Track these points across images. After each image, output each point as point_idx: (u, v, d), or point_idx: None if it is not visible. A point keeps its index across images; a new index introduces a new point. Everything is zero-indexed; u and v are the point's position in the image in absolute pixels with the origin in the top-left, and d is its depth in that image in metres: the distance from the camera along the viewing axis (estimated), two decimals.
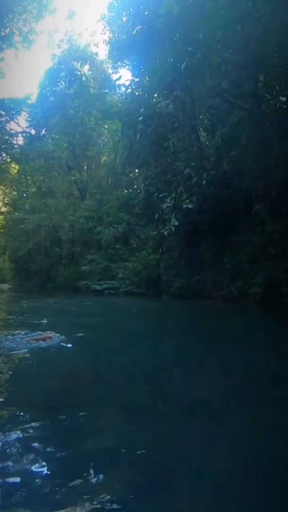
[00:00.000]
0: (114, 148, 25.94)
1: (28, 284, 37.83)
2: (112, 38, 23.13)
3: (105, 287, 22.40)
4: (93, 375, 3.68)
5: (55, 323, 7.25)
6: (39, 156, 31.07)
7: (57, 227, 32.87)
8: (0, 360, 3.87)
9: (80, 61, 32.70)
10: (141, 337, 6.35)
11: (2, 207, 49.54)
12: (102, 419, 2.47)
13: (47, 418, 2.41)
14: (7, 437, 2.03)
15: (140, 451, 1.98)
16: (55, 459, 1.85)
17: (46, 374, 3.62)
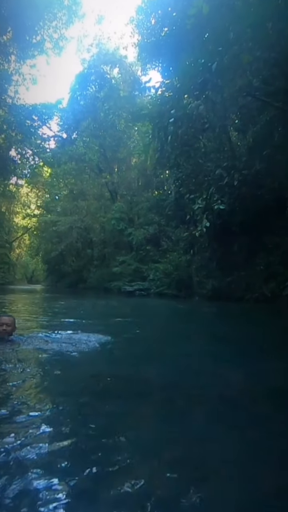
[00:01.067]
0: (144, 149, 25.98)
1: (60, 285, 38.51)
2: (140, 40, 23.20)
3: (136, 288, 22.50)
4: (126, 377, 3.70)
5: (90, 323, 7.36)
6: (71, 159, 31.56)
7: (89, 228, 33.31)
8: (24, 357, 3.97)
9: (109, 65, 33.02)
10: (176, 340, 6.33)
11: (35, 209, 50.76)
12: (136, 422, 2.49)
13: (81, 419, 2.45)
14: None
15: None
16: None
17: (79, 373, 3.68)
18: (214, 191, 14.69)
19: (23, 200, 49.84)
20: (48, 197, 46.00)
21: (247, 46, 12.44)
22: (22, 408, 2.56)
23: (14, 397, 2.78)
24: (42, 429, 2.21)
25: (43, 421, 2.36)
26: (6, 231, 41.84)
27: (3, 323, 4.78)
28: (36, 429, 2.20)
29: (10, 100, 29.43)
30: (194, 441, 2.22)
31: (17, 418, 2.35)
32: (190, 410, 2.79)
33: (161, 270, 21.27)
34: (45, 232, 42.11)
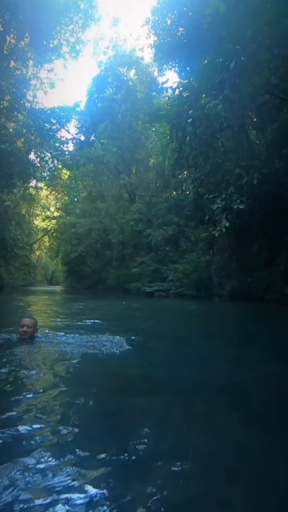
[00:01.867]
0: (162, 150, 25.97)
1: (79, 286, 38.78)
2: (157, 41, 23.21)
3: (156, 289, 22.49)
4: (148, 377, 3.70)
5: (110, 324, 7.39)
6: (89, 161, 31.78)
7: (108, 230, 33.48)
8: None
9: (126, 67, 33.15)
10: (198, 341, 6.29)
11: (55, 211, 51.29)
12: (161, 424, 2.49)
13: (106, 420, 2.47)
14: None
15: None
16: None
17: (100, 374, 3.70)
18: (233, 191, 14.57)
19: (43, 203, 50.43)
20: (67, 199, 46.43)
21: (264, 43, 12.32)
22: (45, 409, 2.59)
23: (38, 399, 2.81)
24: (64, 429, 2.24)
25: (66, 422, 2.38)
26: (27, 233, 42.33)
27: (24, 324, 4.88)
28: (58, 429, 2.24)
29: (28, 104, 29.81)
30: (221, 442, 2.22)
31: (42, 419, 2.38)
32: (216, 412, 2.78)
33: (181, 271, 21.20)
34: (65, 234, 42.52)
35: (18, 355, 4.24)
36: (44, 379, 3.42)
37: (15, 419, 2.37)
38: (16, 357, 4.15)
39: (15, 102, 27.91)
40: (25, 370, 3.67)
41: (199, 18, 14.93)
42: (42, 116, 26.60)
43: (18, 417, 2.40)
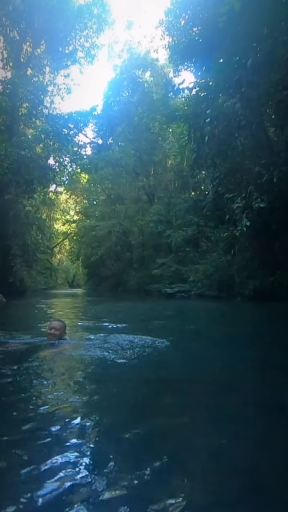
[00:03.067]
0: (180, 151, 25.90)
1: (100, 288, 38.98)
2: (171, 42, 23.19)
3: (177, 290, 22.42)
4: (176, 379, 3.68)
5: (134, 326, 7.38)
6: (107, 164, 31.93)
7: (127, 232, 33.56)
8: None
9: (141, 69, 33.23)
10: (223, 343, 6.21)
11: (74, 215, 51.76)
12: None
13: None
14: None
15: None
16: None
17: (128, 376, 3.69)
18: (253, 189, 14.40)
19: (63, 207, 50.95)
20: (86, 202, 46.76)
21: (281, 40, 12.17)
22: (75, 412, 2.61)
23: (67, 400, 2.85)
24: (92, 431, 2.26)
25: (93, 423, 2.41)
26: (47, 238, 42.88)
27: (52, 327, 4.98)
28: (85, 431, 2.26)
29: (46, 110, 30.18)
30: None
31: (70, 422, 2.39)
32: (245, 416, 2.75)
33: (202, 271, 21.07)
34: (85, 237, 42.85)
35: (47, 358, 4.32)
36: (73, 382, 3.45)
37: (49, 420, 2.41)
38: (45, 360, 4.23)
39: (33, 108, 28.32)
40: (56, 373, 3.73)
41: (214, 17, 14.87)
42: (60, 122, 26.88)
43: (57, 417, 2.46)
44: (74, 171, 32.10)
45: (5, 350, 4.70)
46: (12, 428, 2.33)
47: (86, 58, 31.65)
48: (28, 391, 3.14)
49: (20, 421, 2.43)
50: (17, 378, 3.54)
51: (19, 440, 2.17)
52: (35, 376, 3.56)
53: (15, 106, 25.94)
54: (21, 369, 3.82)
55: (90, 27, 30.38)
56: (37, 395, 2.99)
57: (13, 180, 23.10)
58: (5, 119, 26.38)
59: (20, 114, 27.75)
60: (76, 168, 31.80)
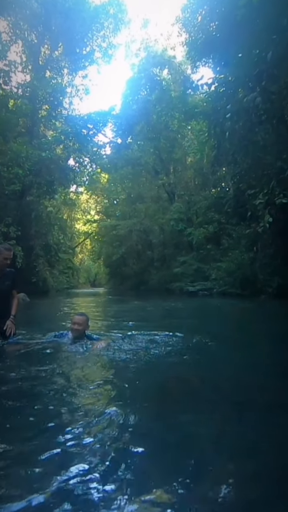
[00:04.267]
0: (200, 148, 25.71)
1: (122, 287, 39.11)
2: (188, 38, 23.05)
3: (199, 288, 22.27)
4: (200, 378, 3.62)
5: (156, 324, 7.32)
6: (127, 163, 32.01)
7: (148, 231, 33.55)
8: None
9: (158, 67, 33.15)
10: (250, 343, 6.08)
11: (95, 215, 52.09)
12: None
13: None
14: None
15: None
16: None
17: (151, 374, 3.64)
18: (275, 185, 14.12)
19: (83, 207, 51.33)
20: (107, 202, 46.99)
21: None
22: (100, 409, 2.59)
23: (92, 396, 2.84)
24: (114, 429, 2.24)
25: (116, 421, 2.38)
26: (69, 238, 43.29)
27: (75, 322, 4.98)
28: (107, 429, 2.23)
29: (66, 111, 30.46)
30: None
31: (97, 421, 2.36)
32: (275, 417, 2.67)
33: (224, 269, 20.85)
34: (106, 237, 43.07)
35: (72, 355, 4.38)
36: (97, 380, 3.42)
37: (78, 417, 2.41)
38: (70, 358, 4.29)
39: (52, 110, 28.62)
40: (80, 371, 3.73)
41: (232, 10, 14.66)
42: (79, 122, 27.06)
43: (84, 415, 2.46)
44: (94, 171, 32.30)
45: (31, 348, 4.74)
46: (37, 425, 2.34)
47: (103, 58, 31.82)
48: (53, 389, 3.14)
49: (48, 417, 2.43)
50: (43, 375, 3.56)
51: (48, 436, 2.16)
52: (60, 374, 3.58)
53: (35, 109, 26.25)
54: (47, 367, 3.84)
55: (106, 27, 30.51)
56: (63, 392, 2.99)
57: (35, 182, 23.38)
58: (25, 122, 26.73)
59: (40, 116, 28.08)
60: (96, 168, 31.99)
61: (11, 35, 27.43)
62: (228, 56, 16.43)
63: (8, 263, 5.21)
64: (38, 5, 26.49)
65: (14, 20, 26.88)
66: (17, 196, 22.53)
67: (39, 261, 24.85)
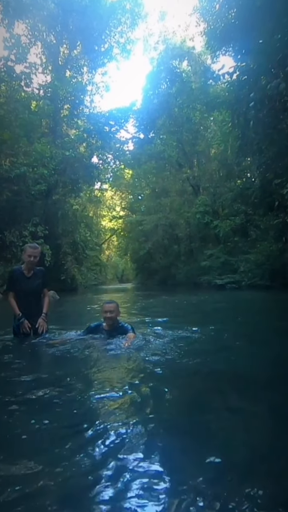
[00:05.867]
0: (224, 139, 25.35)
1: (149, 282, 39.13)
2: (207, 28, 22.69)
3: (227, 281, 22.02)
4: (227, 371, 3.58)
5: (186, 318, 7.29)
6: (150, 158, 31.93)
7: (174, 225, 33.40)
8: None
9: (178, 59, 32.84)
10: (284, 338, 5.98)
11: (120, 211, 52.28)
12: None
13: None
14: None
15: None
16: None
17: (181, 365, 3.63)
18: None
19: (108, 203, 51.55)
20: (131, 198, 47.04)
21: None
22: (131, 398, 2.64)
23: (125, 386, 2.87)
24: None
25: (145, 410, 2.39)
26: (96, 234, 43.59)
27: (107, 310, 5.01)
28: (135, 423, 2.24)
29: (87, 110, 30.67)
30: None
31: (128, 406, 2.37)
32: None
33: (252, 261, 20.55)
34: (132, 232, 43.19)
35: (103, 352, 4.43)
36: (129, 374, 3.46)
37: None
38: (103, 352, 4.38)
39: (74, 109, 28.87)
40: (113, 364, 3.83)
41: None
42: (101, 120, 27.20)
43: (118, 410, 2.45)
44: (117, 167, 32.45)
45: (62, 346, 4.82)
46: (72, 421, 2.38)
47: (122, 54, 31.87)
48: (92, 382, 3.23)
49: (85, 412, 2.48)
50: (81, 369, 3.63)
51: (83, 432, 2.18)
52: (91, 373, 3.63)
53: (57, 109, 26.55)
54: (77, 364, 3.91)
55: (123, 22, 30.51)
56: (93, 391, 3.01)
57: (60, 181, 23.68)
58: (48, 122, 27.07)
59: (62, 116, 28.38)
60: (119, 164, 32.12)
61: (30, 37, 27.82)
62: (249, 43, 16.07)
63: (35, 261, 5.30)
64: (55, 6, 26.71)
65: (32, 22, 27.24)
66: (43, 195, 22.86)
67: (67, 258, 25.16)
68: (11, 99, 21.73)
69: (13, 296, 5.27)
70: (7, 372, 3.65)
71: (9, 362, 4.15)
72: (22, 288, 5.24)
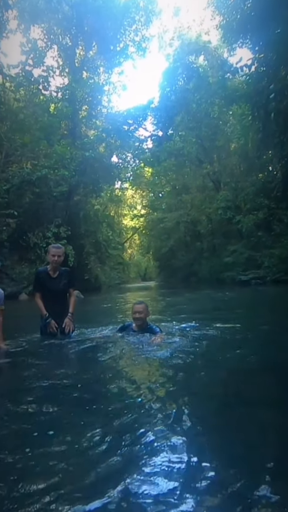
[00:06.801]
0: (243, 132, 25.02)
1: (172, 280, 39.01)
2: (222, 21, 22.42)
3: (251, 277, 21.71)
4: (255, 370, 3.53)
5: (212, 315, 7.23)
6: (169, 155, 31.82)
7: (195, 221, 33.22)
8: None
9: (194, 54, 32.66)
10: None
11: (141, 209, 52.35)
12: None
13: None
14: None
15: None
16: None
17: (211, 363, 3.60)
18: None
19: (129, 202, 51.73)
20: (152, 196, 47.03)
21: None
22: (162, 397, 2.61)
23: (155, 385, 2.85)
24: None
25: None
26: (117, 234, 43.81)
27: (136, 311, 5.06)
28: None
29: (105, 110, 30.88)
30: None
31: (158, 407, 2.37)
32: None
33: (277, 256, 20.22)
34: (153, 230, 43.19)
35: (130, 350, 4.47)
36: (160, 371, 3.46)
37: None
38: (133, 350, 4.41)
39: (92, 110, 29.08)
40: (143, 362, 3.83)
41: None
42: (119, 119, 27.30)
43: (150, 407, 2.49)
44: (137, 166, 32.51)
45: (88, 344, 4.89)
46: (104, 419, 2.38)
47: (137, 52, 31.94)
48: (123, 379, 3.26)
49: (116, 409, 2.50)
50: (101, 370, 3.66)
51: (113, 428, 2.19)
52: (120, 371, 3.67)
53: (75, 110, 26.78)
54: (106, 362, 3.95)
55: (138, 20, 30.55)
56: (123, 389, 3.04)
57: (81, 182, 23.89)
58: (67, 124, 27.34)
59: (80, 117, 28.61)
60: (139, 163, 32.17)
61: (46, 41, 28.16)
62: (267, 33, 15.80)
63: (59, 261, 5.36)
64: (69, 8, 26.93)
65: (48, 26, 27.56)
66: (65, 197, 23.13)
67: (90, 258, 25.37)
68: (30, 103, 22.08)
69: (40, 297, 5.35)
70: (38, 369, 3.74)
71: (39, 360, 4.23)
72: (48, 288, 5.32)
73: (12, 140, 21.28)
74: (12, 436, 2.25)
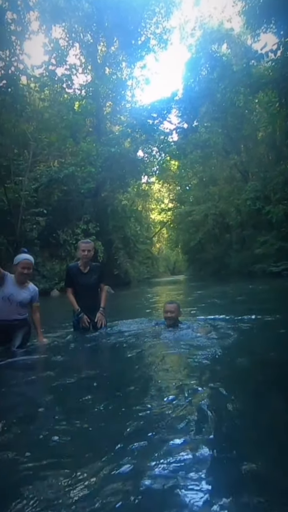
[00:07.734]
0: (271, 120, 24.48)
1: (202, 273, 38.75)
2: (245, 7, 21.96)
3: (283, 268, 21.32)
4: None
5: (244, 308, 7.14)
6: (195, 147, 31.48)
7: (224, 213, 32.81)
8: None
9: (216, 43, 32.14)
10: None
11: (169, 203, 52.16)
12: None
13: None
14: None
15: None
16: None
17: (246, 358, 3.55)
18: None
19: (156, 196, 51.62)
20: (179, 189, 46.76)
21: None
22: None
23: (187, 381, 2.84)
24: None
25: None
26: (146, 228, 43.82)
27: (168, 310, 5.09)
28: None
29: (129, 105, 30.85)
30: None
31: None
32: None
33: None
34: (181, 224, 42.96)
35: (166, 341, 4.52)
36: (190, 367, 3.45)
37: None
38: (164, 346, 4.40)
39: (116, 105, 29.15)
40: (173, 359, 3.80)
41: None
42: (143, 113, 27.19)
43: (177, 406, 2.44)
44: (163, 159, 32.29)
45: (134, 334, 4.95)
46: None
47: (159, 45, 31.76)
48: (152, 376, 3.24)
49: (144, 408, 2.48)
50: (137, 363, 3.67)
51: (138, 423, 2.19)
52: (156, 361, 3.67)
53: (99, 107, 26.93)
54: (143, 353, 3.99)
55: (158, 12, 30.39)
56: (158, 378, 3.05)
57: (107, 177, 24.05)
58: (92, 121, 27.54)
59: (105, 113, 28.73)
60: (165, 156, 31.96)
61: (68, 39, 28.39)
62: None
63: (89, 255, 5.43)
64: (89, 5, 27.02)
65: (69, 24, 27.76)
66: (92, 193, 23.35)
67: (119, 253, 25.55)
68: (55, 102, 22.33)
69: (72, 292, 5.44)
70: (73, 362, 3.83)
71: (73, 354, 4.33)
72: (79, 284, 5.40)
73: (38, 139, 21.63)
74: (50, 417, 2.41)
